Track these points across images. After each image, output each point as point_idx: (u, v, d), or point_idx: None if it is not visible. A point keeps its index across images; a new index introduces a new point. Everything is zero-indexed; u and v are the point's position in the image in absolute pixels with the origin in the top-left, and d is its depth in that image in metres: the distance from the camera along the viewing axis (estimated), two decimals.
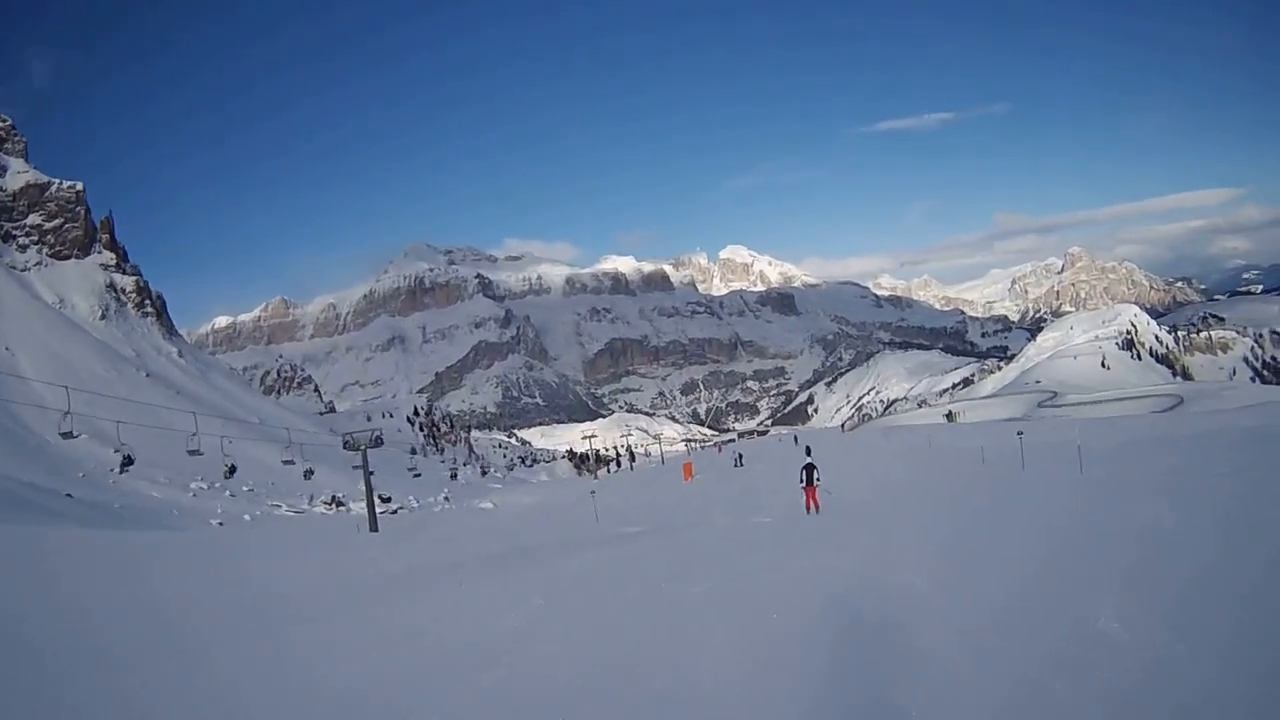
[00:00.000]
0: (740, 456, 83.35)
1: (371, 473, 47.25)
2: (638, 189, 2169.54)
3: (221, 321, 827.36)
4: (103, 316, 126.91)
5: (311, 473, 67.40)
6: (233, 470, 65.90)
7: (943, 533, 20.51)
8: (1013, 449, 52.49)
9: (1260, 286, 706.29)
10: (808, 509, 30.95)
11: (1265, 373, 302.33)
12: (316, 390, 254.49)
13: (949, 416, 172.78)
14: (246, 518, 54.09)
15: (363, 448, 46.41)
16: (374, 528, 42.99)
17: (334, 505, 66.49)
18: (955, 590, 13.49)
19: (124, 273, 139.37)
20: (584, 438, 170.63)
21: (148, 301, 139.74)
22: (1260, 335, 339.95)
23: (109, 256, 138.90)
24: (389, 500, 71.22)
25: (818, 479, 31.85)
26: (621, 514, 46.06)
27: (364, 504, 69.28)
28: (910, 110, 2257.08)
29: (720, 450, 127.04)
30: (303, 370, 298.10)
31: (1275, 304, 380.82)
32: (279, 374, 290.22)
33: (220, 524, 49.59)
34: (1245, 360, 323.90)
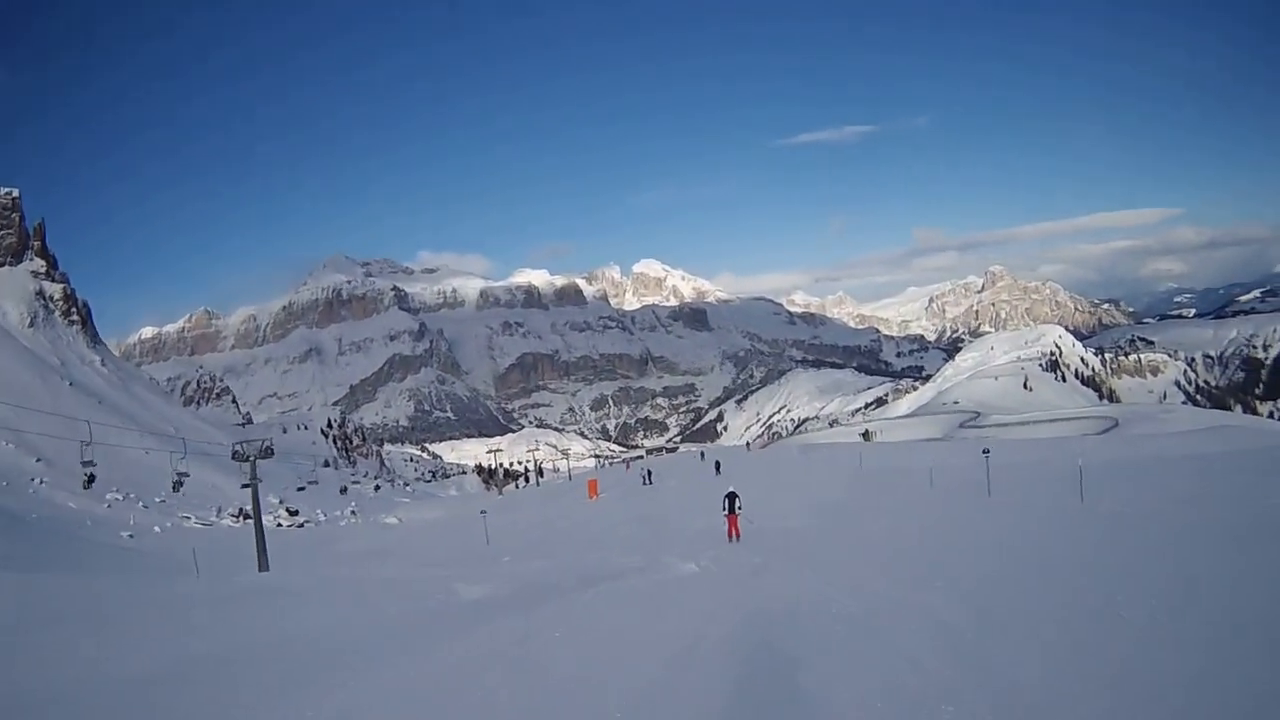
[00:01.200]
0: (648, 474, 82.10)
1: (260, 480, 47.49)
2: (551, 202, 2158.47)
3: (147, 332, 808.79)
4: (31, 324, 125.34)
5: (180, 484, 67.75)
6: (178, 484, 66.36)
7: (948, 607, 15.08)
8: (957, 471, 53.45)
9: (1193, 311, 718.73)
10: (729, 537, 30.63)
11: (1199, 397, 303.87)
12: (234, 402, 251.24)
13: (865, 436, 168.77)
14: (156, 529, 54.58)
15: (252, 458, 42.72)
16: (263, 565, 39.45)
17: (241, 518, 66.94)
18: None
19: (53, 280, 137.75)
20: (489, 452, 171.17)
21: (74, 310, 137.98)
22: (1193, 359, 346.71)
23: (40, 264, 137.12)
24: (296, 514, 71.83)
25: (739, 507, 31.19)
26: (516, 538, 45.88)
27: (274, 516, 70.27)
28: (830, 122, 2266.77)
29: (628, 467, 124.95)
30: (221, 382, 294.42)
31: (1209, 328, 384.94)
32: (199, 385, 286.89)
33: (130, 536, 49.96)
34: (1177, 384, 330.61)
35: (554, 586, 21.62)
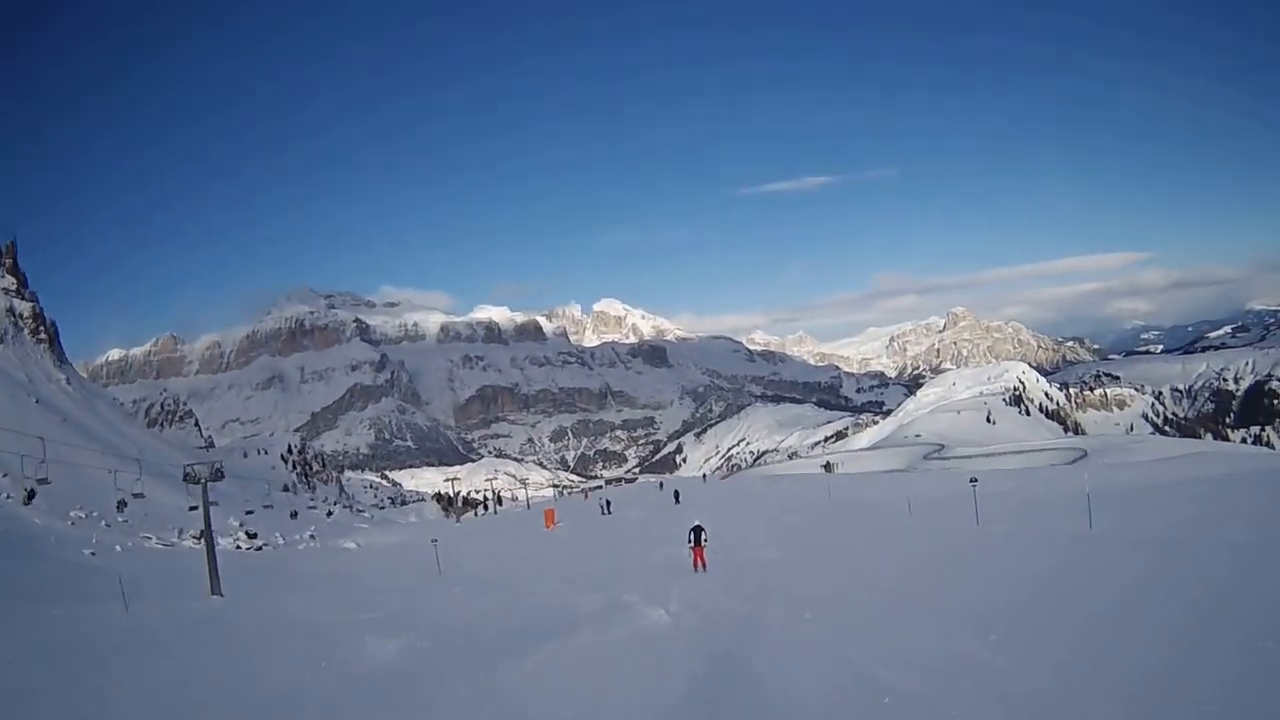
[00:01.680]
0: (607, 503, 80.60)
1: (215, 503, 47.70)
2: (513, 241, 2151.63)
3: (114, 354, 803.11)
4: (0, 341, 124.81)
5: (123, 504, 67.91)
6: (122, 505, 66.50)
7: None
8: (933, 500, 52.77)
9: (1160, 347, 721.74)
10: (695, 567, 30.50)
11: (1167, 429, 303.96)
12: (197, 425, 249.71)
13: (827, 467, 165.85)
14: (118, 549, 54.60)
15: (203, 480, 42.26)
16: (215, 589, 37.96)
17: (201, 539, 67.11)
18: None
19: (23, 299, 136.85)
20: (446, 480, 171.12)
21: (42, 329, 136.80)
22: (1160, 393, 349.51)
23: (10, 281, 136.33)
24: (255, 536, 71.80)
25: (705, 539, 31.04)
26: (469, 568, 44.98)
27: (234, 539, 70.35)
28: (794, 173, 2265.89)
29: (587, 497, 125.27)
30: (185, 405, 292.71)
31: (1177, 363, 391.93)
32: (162, 407, 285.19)
33: (93, 554, 50.15)
34: (1144, 416, 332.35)
35: (484, 647, 17.89)
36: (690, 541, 31.20)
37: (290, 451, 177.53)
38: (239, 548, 67.32)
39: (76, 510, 66.43)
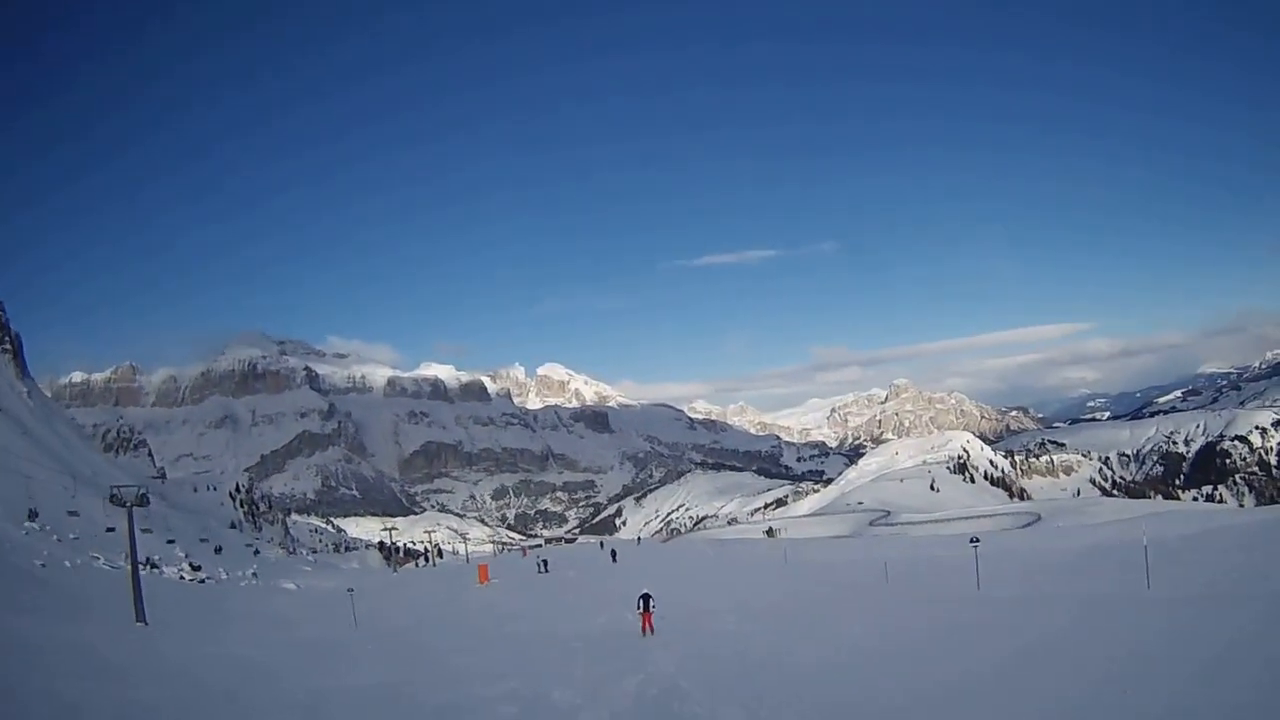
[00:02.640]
0: (544, 562, 78.38)
1: (150, 531, 47.48)
2: (455, 302, 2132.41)
3: (77, 377, 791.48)
4: None
5: (76, 513, 67.49)
6: (74, 513, 65.99)
7: None
8: (905, 564, 49.89)
9: (1107, 414, 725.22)
10: (643, 631, 30.70)
11: (1115, 492, 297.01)
12: (150, 455, 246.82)
13: (769, 533, 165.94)
14: (67, 564, 54.20)
15: (129, 504, 40.49)
16: (140, 616, 35.97)
17: (149, 566, 66.41)
18: None
19: None
20: (384, 529, 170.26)
21: (6, 339, 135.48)
22: (1107, 458, 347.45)
23: None
24: (199, 569, 71.17)
25: (653, 605, 31.38)
26: (390, 621, 43.64)
27: (178, 569, 69.71)
28: (733, 246, 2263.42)
29: (525, 554, 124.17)
30: (140, 434, 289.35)
31: (1124, 429, 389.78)
32: (119, 434, 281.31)
33: (43, 565, 49.75)
34: (1092, 481, 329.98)
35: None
36: (640, 608, 31.47)
37: (238, 490, 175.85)
38: (182, 578, 66.72)
39: (30, 522, 65.79)
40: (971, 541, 41.23)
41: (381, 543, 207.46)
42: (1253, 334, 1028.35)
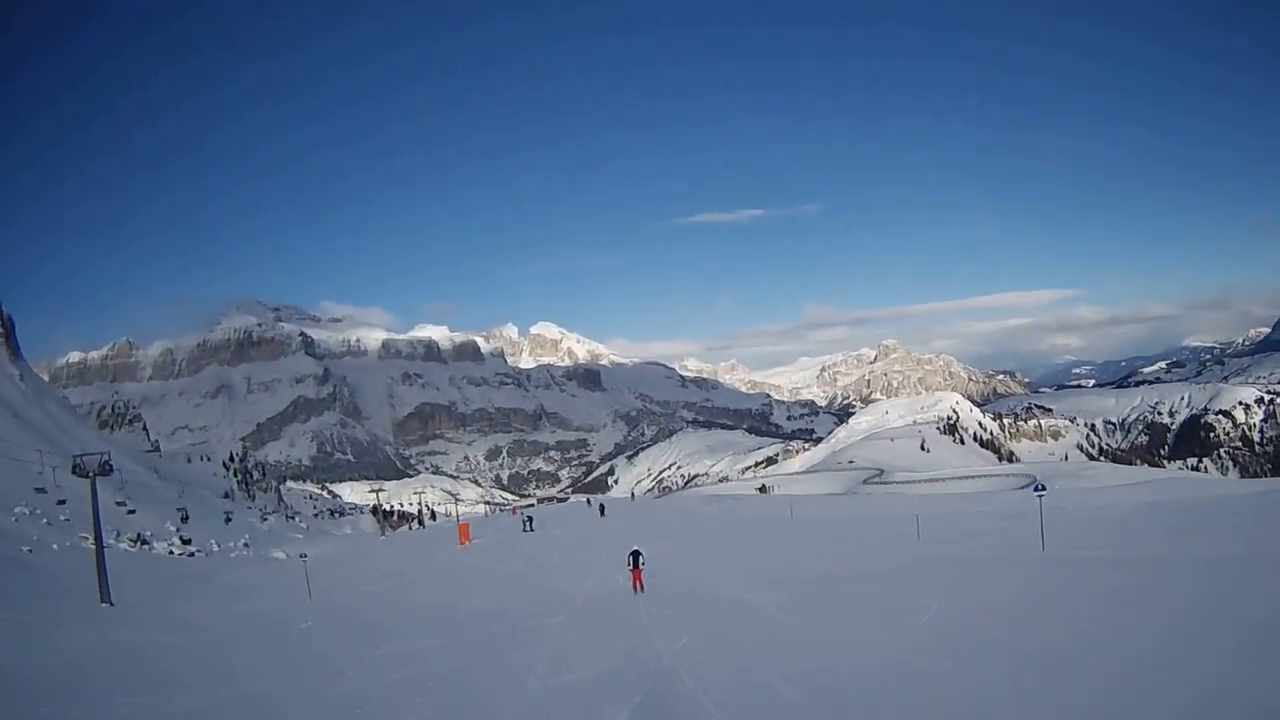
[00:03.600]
0: (529, 520, 75.54)
1: (132, 509, 46.85)
2: (449, 261, 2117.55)
3: (74, 357, 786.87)
4: None
5: (131, 512, 67.43)
6: (62, 503, 65.70)
7: None
8: (935, 521, 45.33)
9: (1092, 382, 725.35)
10: (635, 589, 30.55)
11: (1101, 459, 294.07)
12: (145, 429, 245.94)
13: (762, 489, 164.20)
14: (55, 547, 54.24)
15: (91, 474, 38.31)
16: (104, 597, 34.44)
17: (139, 543, 66.49)
18: None
19: None
20: (371, 491, 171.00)
21: None
22: (1093, 425, 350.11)
23: None
24: (189, 542, 71.14)
25: (643, 562, 30.98)
26: (351, 590, 41.51)
27: (168, 544, 69.71)
28: (725, 205, 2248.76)
29: (515, 513, 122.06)
30: (134, 409, 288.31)
31: (1109, 397, 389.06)
32: (113, 410, 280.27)
33: (30, 551, 49.79)
34: (1079, 447, 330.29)
35: None
36: (629, 565, 31.36)
37: (232, 459, 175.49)
38: (171, 552, 66.80)
39: (21, 507, 65.65)
40: (1037, 490, 37.32)
41: (375, 506, 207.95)
42: (1237, 310, 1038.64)
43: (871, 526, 48.77)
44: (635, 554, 31.49)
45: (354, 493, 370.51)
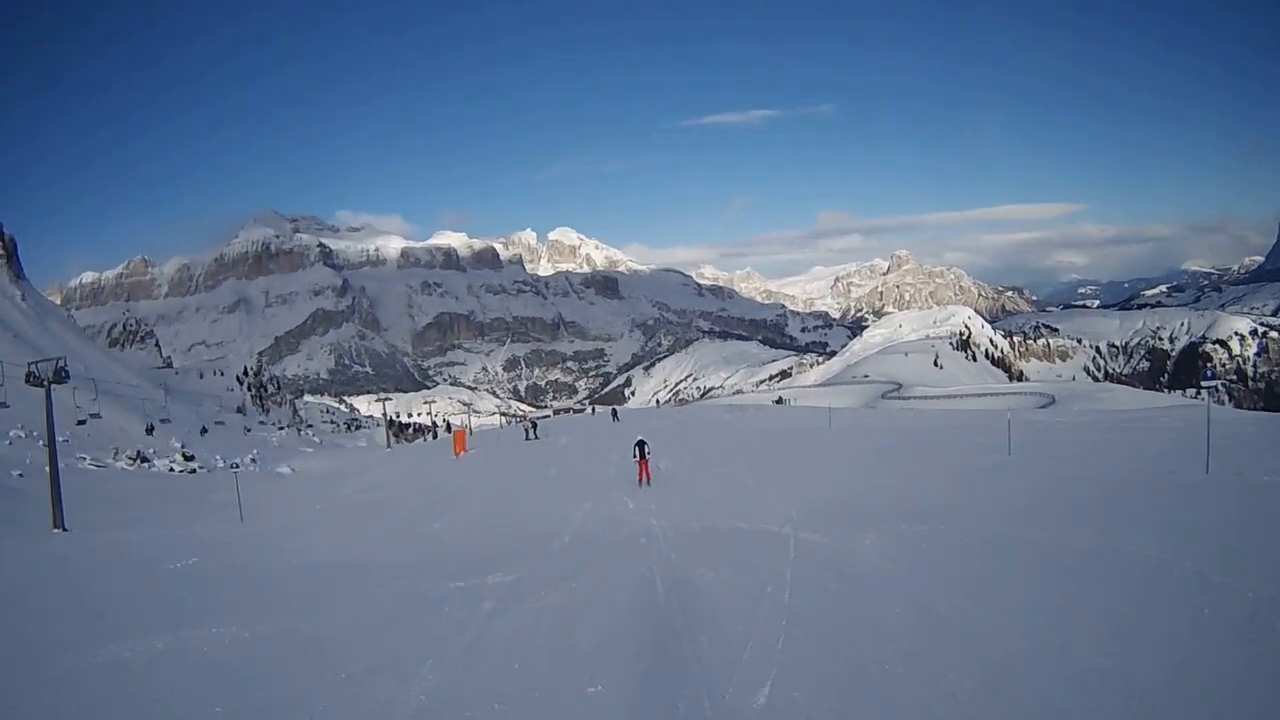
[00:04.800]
0: (533, 426, 68.35)
1: (98, 416, 45.25)
2: (465, 168, 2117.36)
3: (87, 277, 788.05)
4: None
5: (97, 417, 66.03)
6: (82, 423, 64.40)
7: None
8: (1028, 428, 38.53)
9: (1097, 302, 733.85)
10: (640, 481, 29.63)
11: (1106, 383, 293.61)
12: (157, 346, 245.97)
13: (779, 402, 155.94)
14: (47, 470, 52.94)
15: (46, 382, 33.59)
16: (57, 522, 32.00)
17: (139, 460, 65.29)
18: None
19: None
20: (377, 400, 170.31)
21: None
22: (1098, 348, 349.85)
23: None
24: (191, 459, 69.95)
25: (649, 452, 30.31)
26: (288, 516, 35.33)
27: (169, 461, 68.52)
28: (735, 106, 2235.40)
29: (525, 420, 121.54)
30: (146, 326, 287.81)
31: (1114, 319, 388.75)
32: (124, 328, 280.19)
33: (20, 475, 48.48)
34: (1086, 370, 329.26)
35: None
36: (635, 456, 30.30)
37: (246, 374, 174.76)
38: (172, 470, 65.54)
39: (16, 430, 64.46)
40: (1205, 382, 29.64)
41: (390, 419, 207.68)
42: (1233, 235, 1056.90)
43: (932, 441, 38.02)
44: (641, 444, 30.37)
45: (371, 406, 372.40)
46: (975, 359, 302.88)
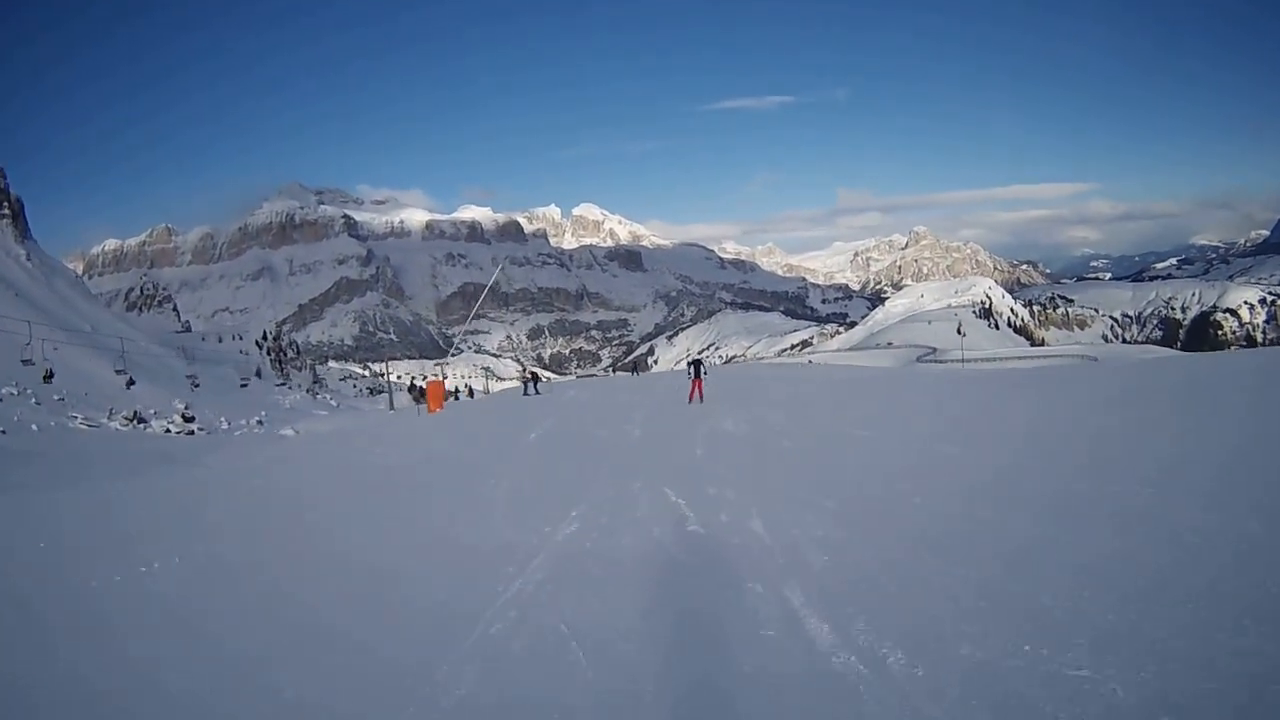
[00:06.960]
0: (533, 378, 61.48)
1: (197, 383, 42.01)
2: (486, 146, 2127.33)
3: (110, 244, 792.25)
4: None
5: (132, 383, 63.56)
6: (50, 375, 61.58)
7: None
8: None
9: (1108, 275, 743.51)
10: (691, 399, 28.78)
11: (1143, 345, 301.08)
12: (175, 310, 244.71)
13: (809, 365, 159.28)
14: (34, 428, 50.03)
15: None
16: None
17: (135, 421, 62.40)
18: None
19: None
20: (386, 364, 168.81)
21: (5, 204, 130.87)
22: (1114, 317, 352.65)
23: None
24: (191, 420, 67.04)
25: (705, 372, 30.06)
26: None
27: (167, 421, 65.68)
28: (751, 91, 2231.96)
29: (525, 373, 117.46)
30: (164, 290, 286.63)
31: (1126, 290, 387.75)
32: (142, 291, 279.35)
33: (3, 432, 45.53)
34: (1104, 338, 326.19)
35: None
36: (690, 374, 30.07)
37: (265, 338, 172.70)
38: (169, 431, 62.59)
39: (9, 387, 61.74)
40: None
41: (411, 384, 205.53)
42: (1240, 212, 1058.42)
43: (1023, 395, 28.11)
44: (696, 363, 30.18)
45: (395, 372, 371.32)
46: (998, 327, 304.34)
